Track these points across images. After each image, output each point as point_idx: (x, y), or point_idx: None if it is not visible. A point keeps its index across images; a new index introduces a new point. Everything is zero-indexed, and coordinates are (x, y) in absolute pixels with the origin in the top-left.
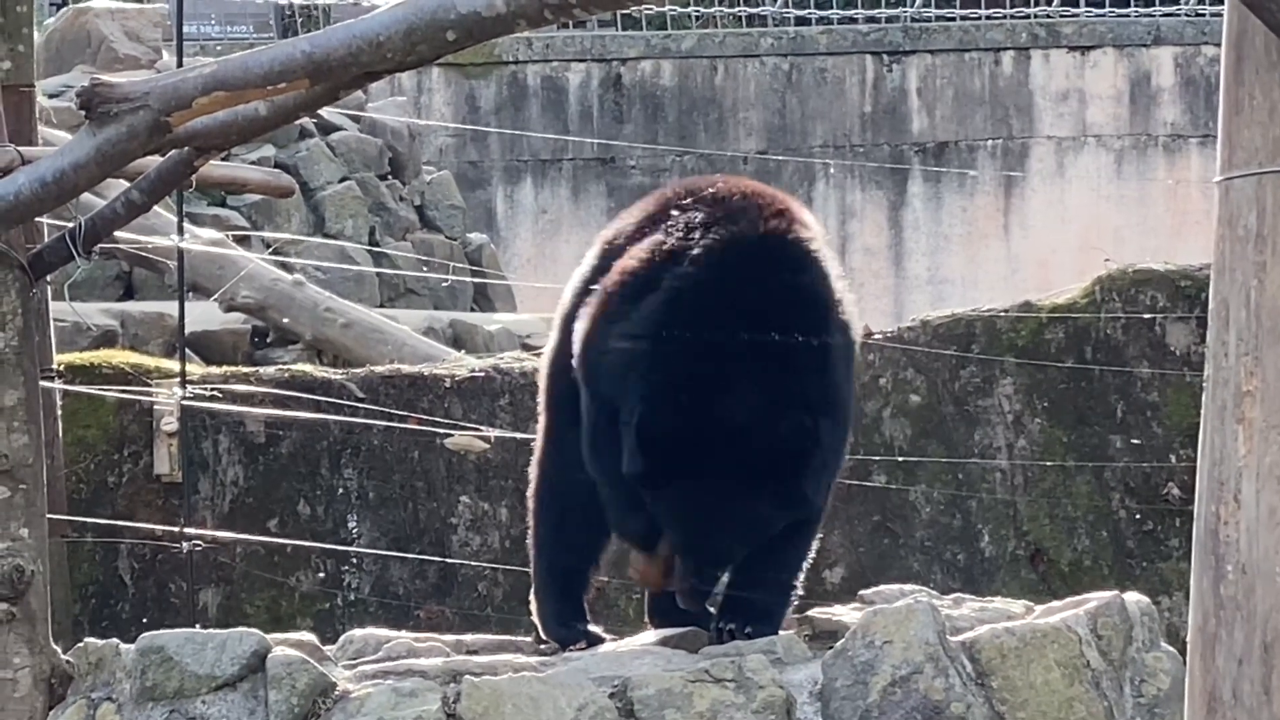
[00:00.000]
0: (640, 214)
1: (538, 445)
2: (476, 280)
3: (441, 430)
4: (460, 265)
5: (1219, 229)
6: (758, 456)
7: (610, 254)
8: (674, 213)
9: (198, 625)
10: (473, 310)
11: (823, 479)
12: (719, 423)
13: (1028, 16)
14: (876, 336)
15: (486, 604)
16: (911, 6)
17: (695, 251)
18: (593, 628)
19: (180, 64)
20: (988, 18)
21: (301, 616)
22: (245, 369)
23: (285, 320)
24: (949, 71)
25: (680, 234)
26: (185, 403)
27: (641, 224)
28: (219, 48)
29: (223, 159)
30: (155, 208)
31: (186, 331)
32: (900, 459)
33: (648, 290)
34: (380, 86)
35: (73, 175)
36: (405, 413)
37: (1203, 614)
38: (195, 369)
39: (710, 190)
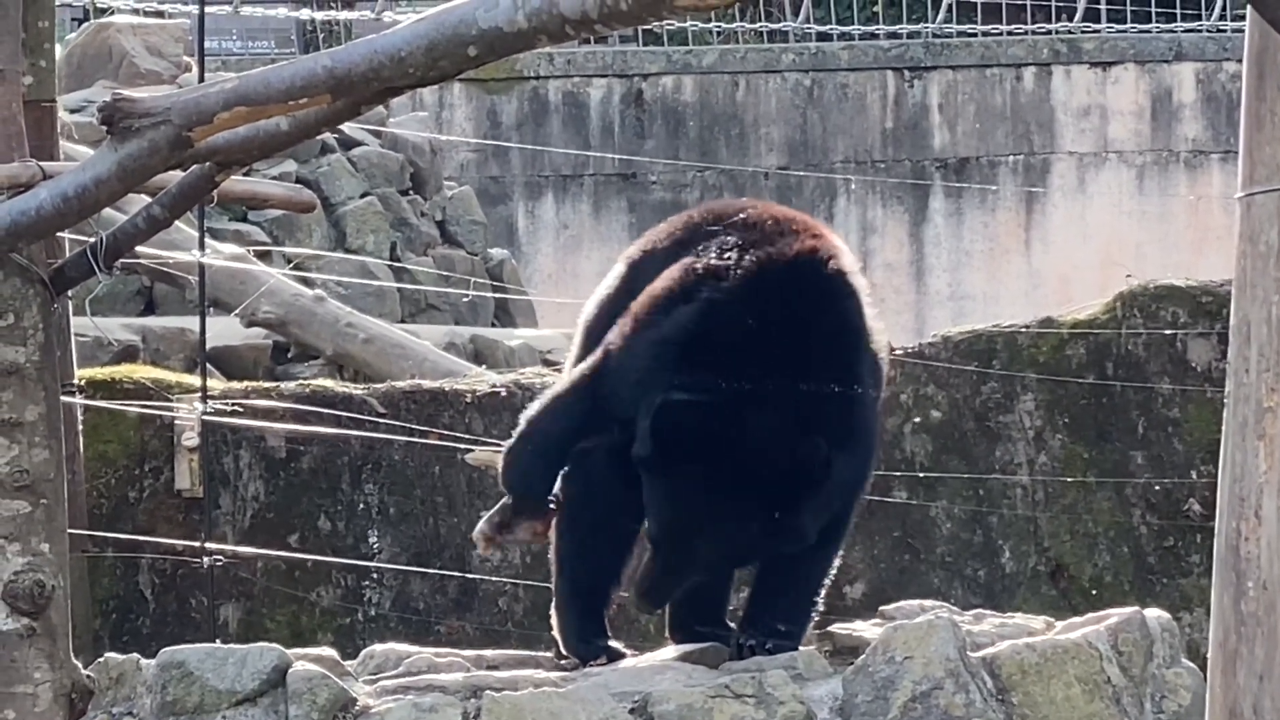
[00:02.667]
0: (668, 233)
1: None
2: (497, 295)
3: (462, 446)
4: (481, 280)
5: (1240, 245)
6: (765, 472)
7: (635, 272)
8: (704, 235)
9: (218, 640)
10: (494, 326)
11: (833, 511)
12: (735, 429)
13: (1049, 32)
14: (898, 352)
15: (507, 619)
16: (933, 22)
17: (731, 270)
18: (613, 643)
19: (202, 79)
20: (1009, 33)
21: (322, 631)
22: (266, 384)
23: (306, 336)
24: (970, 87)
25: (713, 255)
26: (206, 418)
27: (670, 244)
28: (240, 63)
29: (244, 174)
30: (176, 223)
31: (207, 347)
32: (921, 475)
33: (679, 307)
34: (401, 102)
35: (94, 190)
36: (426, 428)
37: (1223, 630)
38: (216, 384)
39: (741, 214)
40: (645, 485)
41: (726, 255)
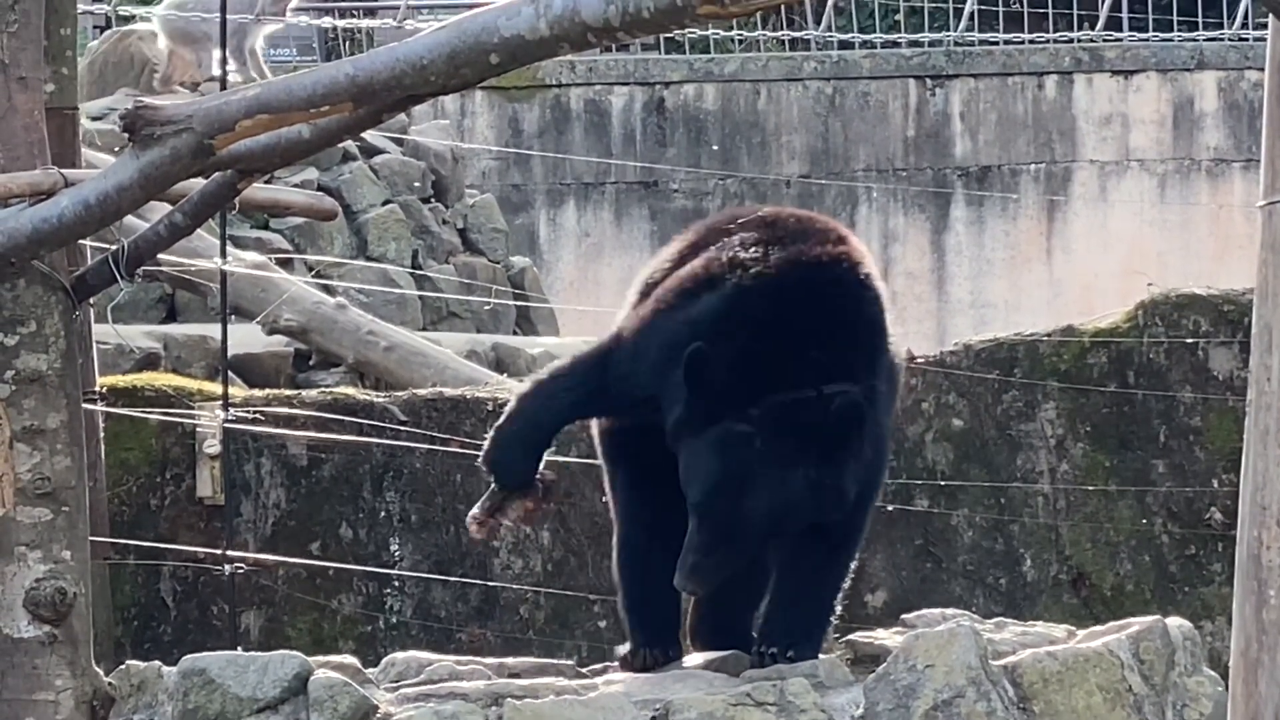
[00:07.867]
0: (680, 246)
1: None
2: (519, 303)
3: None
4: (503, 288)
5: (1262, 253)
6: (804, 421)
7: (653, 289)
8: (724, 236)
9: (239, 648)
10: (515, 333)
11: (861, 495)
12: (771, 378)
13: (1071, 40)
14: (919, 360)
15: (528, 627)
16: (955, 30)
17: (755, 262)
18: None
19: (224, 87)
20: (1031, 41)
21: (343, 639)
22: (287, 392)
23: (327, 343)
24: (992, 95)
25: (736, 249)
26: (227, 425)
27: (684, 253)
28: None
29: (265, 182)
30: (198, 230)
31: (229, 354)
32: (942, 483)
33: (702, 294)
34: (423, 109)
35: (116, 198)
36: (447, 436)
37: (1245, 639)
38: (237, 392)
39: (761, 214)
40: (683, 451)
41: (750, 249)
